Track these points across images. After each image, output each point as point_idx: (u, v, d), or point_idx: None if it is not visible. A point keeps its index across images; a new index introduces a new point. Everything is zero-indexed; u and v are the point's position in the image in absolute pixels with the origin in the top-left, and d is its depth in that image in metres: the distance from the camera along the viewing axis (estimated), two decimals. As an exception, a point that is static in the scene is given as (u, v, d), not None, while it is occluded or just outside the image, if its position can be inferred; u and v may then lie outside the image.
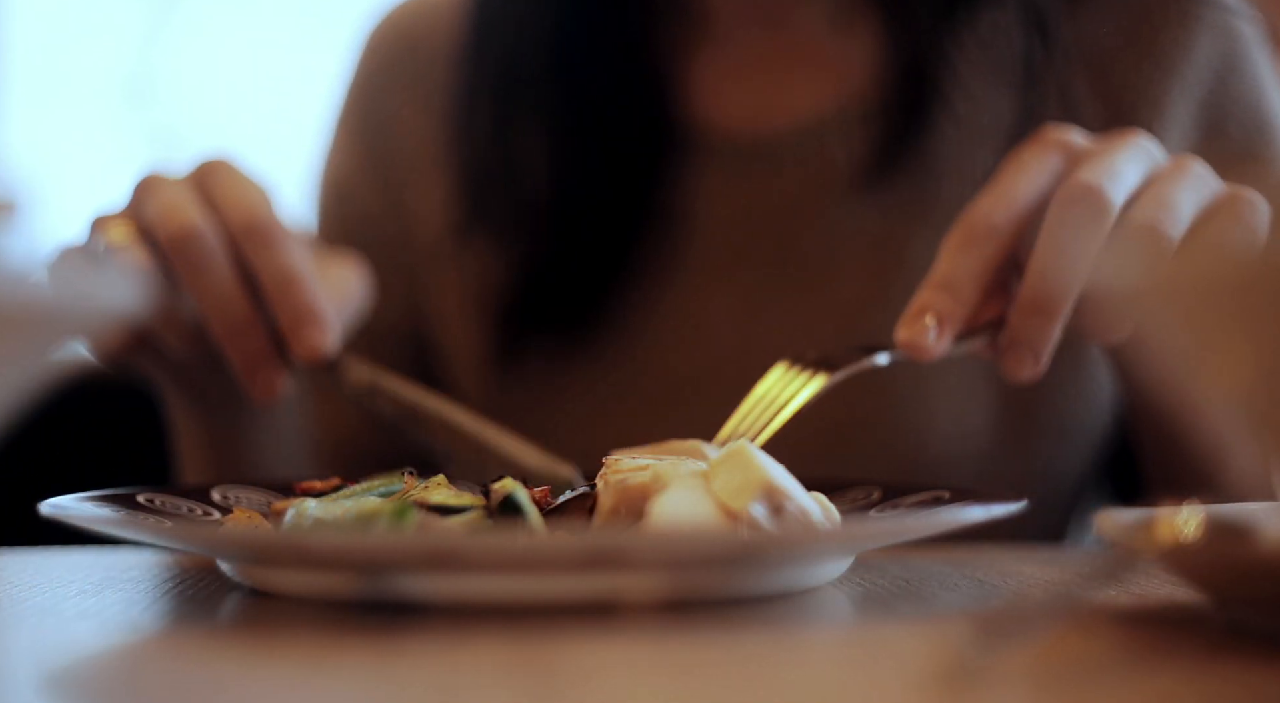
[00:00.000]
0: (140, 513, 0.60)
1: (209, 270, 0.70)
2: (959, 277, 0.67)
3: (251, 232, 0.70)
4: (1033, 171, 0.68)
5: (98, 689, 0.44)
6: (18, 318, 0.40)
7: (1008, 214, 0.67)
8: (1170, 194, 0.65)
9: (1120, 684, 0.42)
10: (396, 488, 0.62)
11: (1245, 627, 0.48)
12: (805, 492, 0.55)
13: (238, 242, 0.71)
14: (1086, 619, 0.50)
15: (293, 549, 0.53)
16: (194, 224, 0.70)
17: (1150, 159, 0.68)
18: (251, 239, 0.70)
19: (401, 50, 0.98)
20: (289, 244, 0.71)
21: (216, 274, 0.70)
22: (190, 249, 0.70)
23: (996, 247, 0.67)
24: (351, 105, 0.99)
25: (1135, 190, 0.66)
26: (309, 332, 0.70)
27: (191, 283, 0.70)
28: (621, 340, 0.89)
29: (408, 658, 0.46)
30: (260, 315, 0.71)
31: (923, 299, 0.67)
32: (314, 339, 0.70)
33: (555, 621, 0.49)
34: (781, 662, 0.45)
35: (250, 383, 0.72)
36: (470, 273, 0.92)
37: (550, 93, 0.90)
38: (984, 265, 0.67)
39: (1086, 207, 0.64)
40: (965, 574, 0.60)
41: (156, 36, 2.61)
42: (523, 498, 0.57)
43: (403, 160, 0.95)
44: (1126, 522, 0.51)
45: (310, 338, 0.70)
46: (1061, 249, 0.65)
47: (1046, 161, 0.68)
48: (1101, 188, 0.65)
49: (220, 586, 0.59)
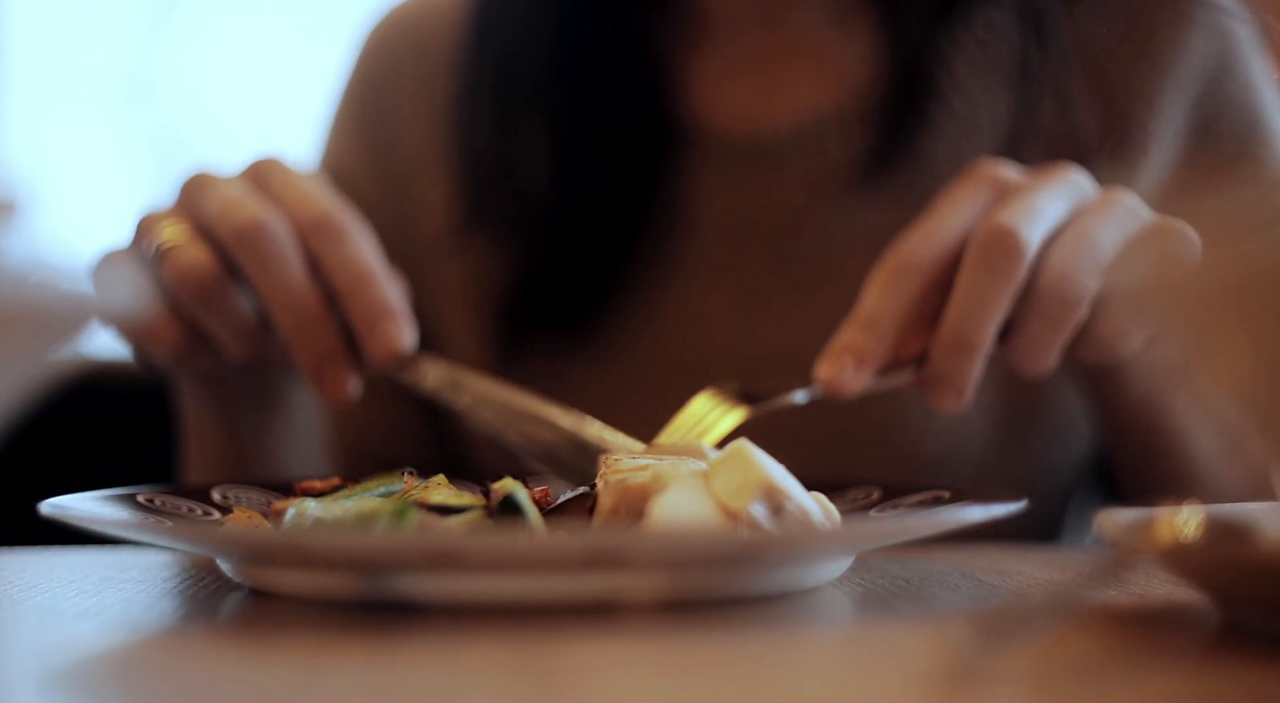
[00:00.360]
0: (140, 513, 0.60)
1: (279, 265, 0.68)
2: (881, 314, 0.68)
3: (321, 226, 0.69)
4: (960, 208, 0.69)
5: (98, 689, 0.44)
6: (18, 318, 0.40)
7: (929, 252, 0.68)
8: (1092, 230, 0.67)
9: (1120, 684, 0.42)
10: (396, 488, 0.62)
11: (1245, 627, 0.48)
12: (805, 492, 0.55)
13: (306, 237, 0.69)
14: (1086, 619, 0.50)
15: (293, 549, 0.53)
16: (261, 218, 0.68)
17: (1078, 193, 0.69)
18: (321, 234, 0.69)
19: (403, 46, 0.98)
20: (358, 239, 0.69)
21: (288, 268, 0.68)
22: (259, 243, 0.68)
23: (918, 283, 0.68)
24: (352, 101, 0.98)
25: (1059, 226, 0.67)
26: (386, 327, 0.69)
27: (260, 278, 0.68)
28: (621, 339, 0.89)
29: (408, 658, 0.46)
30: (331, 313, 0.70)
31: (844, 338, 0.68)
32: (391, 335, 0.69)
33: (555, 621, 0.49)
34: (781, 662, 0.45)
35: (319, 383, 0.70)
36: (470, 271, 0.92)
37: (550, 92, 0.90)
38: (906, 302, 0.68)
39: (999, 251, 0.66)
40: (965, 574, 0.60)
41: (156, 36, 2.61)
42: (523, 498, 0.57)
43: (404, 157, 0.95)
44: (1126, 522, 0.51)
45: (387, 334, 0.69)
46: (977, 292, 0.66)
47: (975, 198, 0.69)
48: (1016, 231, 0.66)
49: (220, 586, 0.59)
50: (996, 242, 0.66)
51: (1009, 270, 0.66)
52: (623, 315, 0.89)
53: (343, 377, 0.71)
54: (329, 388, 0.71)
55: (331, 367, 0.70)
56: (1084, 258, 0.66)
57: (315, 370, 0.70)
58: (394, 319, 0.69)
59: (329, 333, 0.70)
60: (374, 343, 0.69)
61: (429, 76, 0.95)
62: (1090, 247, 0.66)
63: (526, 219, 0.90)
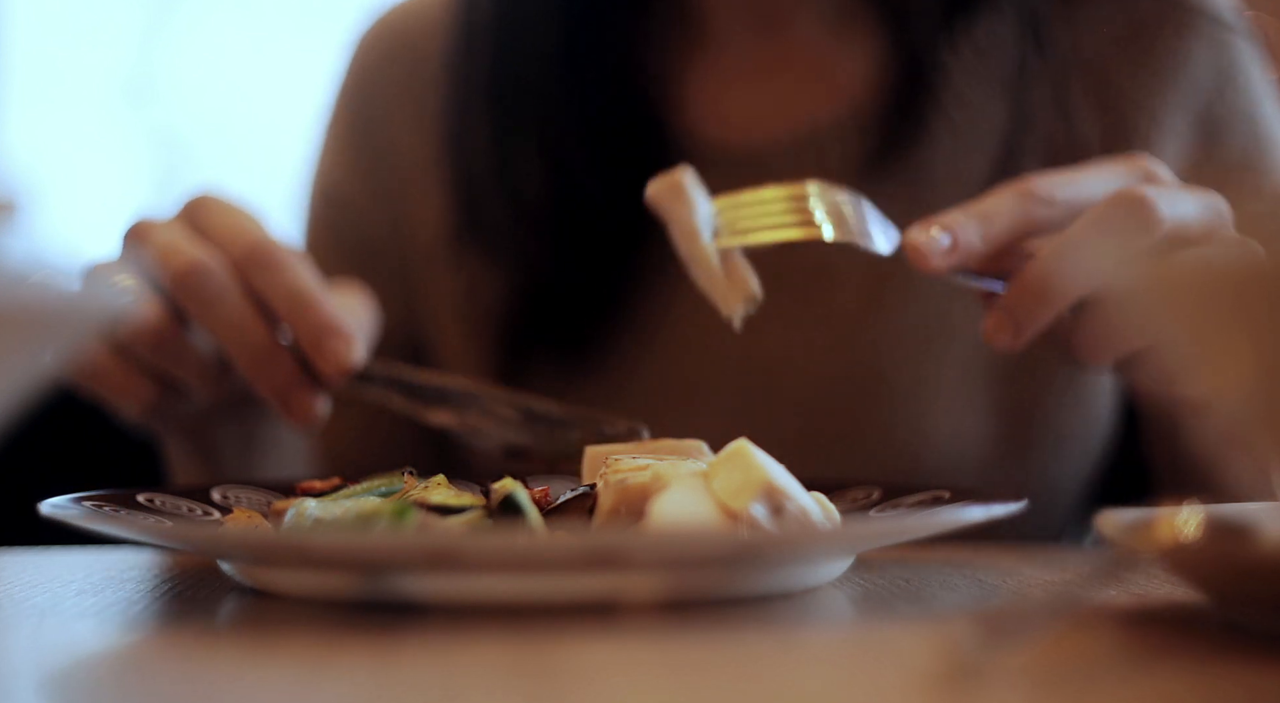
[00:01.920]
0: (140, 513, 0.60)
1: (221, 304, 0.69)
2: (997, 215, 0.66)
3: (253, 257, 0.69)
4: (1108, 176, 0.67)
5: (98, 689, 0.44)
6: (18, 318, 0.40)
7: (1066, 193, 0.66)
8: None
9: (1120, 684, 0.42)
10: (396, 488, 0.62)
11: (1245, 627, 0.48)
12: (805, 492, 0.55)
13: (242, 270, 0.69)
14: (1086, 619, 0.50)
15: (293, 549, 0.53)
16: (196, 259, 0.69)
17: (1218, 218, 0.66)
18: (254, 264, 0.69)
19: (392, 52, 0.96)
20: (294, 264, 0.70)
21: (229, 306, 0.69)
22: (198, 286, 0.68)
23: (1041, 214, 0.66)
24: (342, 108, 0.97)
25: (1189, 230, 0.64)
26: (332, 344, 0.69)
27: (206, 319, 0.69)
28: (618, 350, 0.89)
29: (408, 658, 0.46)
30: (282, 341, 0.70)
31: (949, 217, 0.66)
32: (339, 350, 0.69)
33: (555, 621, 0.49)
34: (781, 662, 0.45)
35: (286, 411, 0.71)
36: (465, 283, 0.91)
37: (544, 102, 0.90)
38: (1021, 222, 0.66)
39: (1133, 214, 0.63)
40: (965, 574, 0.60)
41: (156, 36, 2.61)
42: (523, 498, 0.57)
43: (396, 165, 0.94)
44: (1126, 522, 0.51)
45: (335, 352, 0.69)
46: (1089, 243, 0.64)
47: (1124, 175, 0.68)
48: (1158, 205, 0.63)
49: (220, 586, 0.59)
50: (1138, 205, 0.63)
51: (1136, 233, 0.63)
52: (619, 326, 0.88)
53: (307, 401, 0.71)
54: (296, 414, 0.71)
55: (294, 393, 0.71)
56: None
57: (280, 399, 0.71)
58: (338, 336, 0.69)
59: (284, 361, 0.70)
60: (324, 362, 0.69)
61: (420, 83, 0.94)
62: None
63: (522, 231, 0.89)
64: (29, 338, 0.41)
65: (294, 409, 0.71)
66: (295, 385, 0.70)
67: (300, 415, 0.71)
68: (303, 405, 0.71)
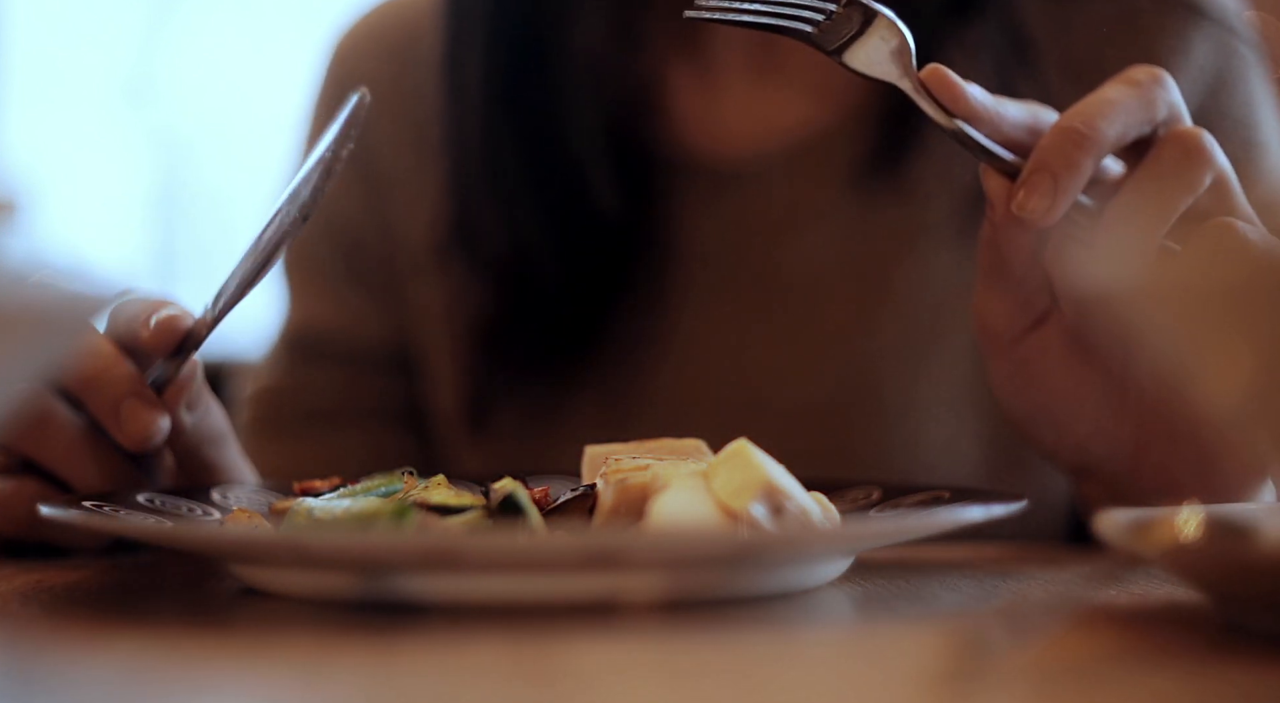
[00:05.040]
0: (140, 513, 0.60)
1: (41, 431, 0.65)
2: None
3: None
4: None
5: (98, 689, 0.44)
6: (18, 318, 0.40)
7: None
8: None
9: (1120, 684, 0.42)
10: (396, 488, 0.62)
11: (1245, 627, 0.48)
12: (805, 492, 0.55)
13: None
14: (1086, 619, 0.50)
15: (293, 549, 0.53)
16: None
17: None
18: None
19: (376, 54, 0.94)
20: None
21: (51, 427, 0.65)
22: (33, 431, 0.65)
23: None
24: (324, 113, 0.94)
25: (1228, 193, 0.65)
26: (127, 415, 0.65)
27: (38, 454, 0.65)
28: (607, 363, 0.88)
29: (408, 658, 0.46)
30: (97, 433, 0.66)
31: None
32: (139, 421, 0.65)
33: (555, 621, 0.49)
34: (781, 662, 0.45)
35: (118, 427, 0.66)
36: (453, 292, 0.90)
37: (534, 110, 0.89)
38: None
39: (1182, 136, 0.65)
40: (965, 574, 0.60)
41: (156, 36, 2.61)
42: (523, 498, 0.57)
43: (382, 170, 0.93)
44: (1126, 522, 0.51)
45: (132, 422, 0.65)
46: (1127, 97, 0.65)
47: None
48: (1209, 144, 0.64)
49: (220, 586, 0.59)
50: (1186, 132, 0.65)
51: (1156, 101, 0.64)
52: (609, 339, 0.88)
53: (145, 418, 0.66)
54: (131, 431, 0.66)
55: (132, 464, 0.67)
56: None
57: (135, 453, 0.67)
58: (130, 408, 0.65)
59: (103, 449, 0.66)
60: (124, 436, 0.65)
61: (406, 88, 0.92)
62: None
63: (511, 240, 0.89)
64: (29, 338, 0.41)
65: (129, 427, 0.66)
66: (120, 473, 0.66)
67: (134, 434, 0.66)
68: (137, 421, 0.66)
